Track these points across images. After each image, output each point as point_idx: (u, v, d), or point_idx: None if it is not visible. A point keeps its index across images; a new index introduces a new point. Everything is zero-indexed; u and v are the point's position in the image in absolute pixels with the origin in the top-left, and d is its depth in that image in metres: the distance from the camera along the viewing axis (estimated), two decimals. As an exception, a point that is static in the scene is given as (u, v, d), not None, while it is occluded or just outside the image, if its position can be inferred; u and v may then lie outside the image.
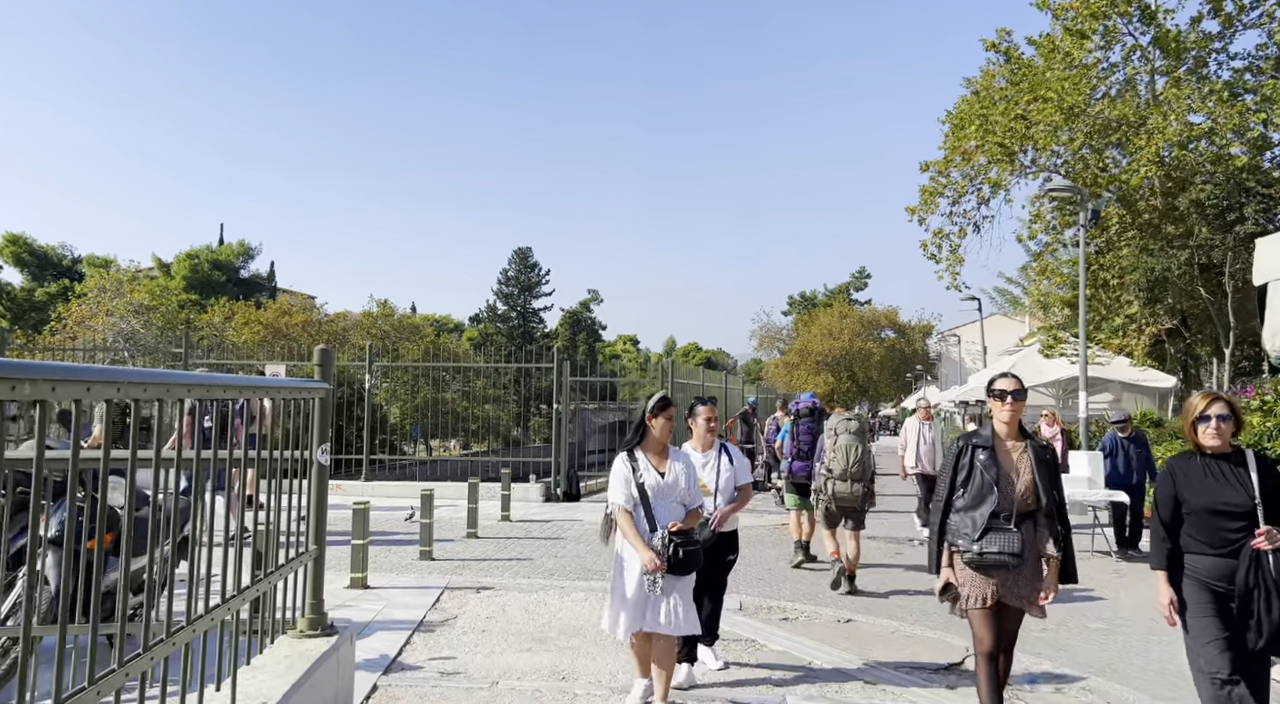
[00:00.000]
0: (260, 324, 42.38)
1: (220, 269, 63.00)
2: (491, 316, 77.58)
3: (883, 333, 74.64)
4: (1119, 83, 19.34)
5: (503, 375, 50.39)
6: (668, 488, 4.19)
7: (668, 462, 4.26)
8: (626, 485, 4.19)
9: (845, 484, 7.12)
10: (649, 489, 4.16)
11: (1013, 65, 20.94)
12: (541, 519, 11.13)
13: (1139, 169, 16.67)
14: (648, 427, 4.29)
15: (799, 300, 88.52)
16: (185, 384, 2.59)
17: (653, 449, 4.28)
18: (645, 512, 4.14)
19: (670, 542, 4.03)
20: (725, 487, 5.02)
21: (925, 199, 22.15)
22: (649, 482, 4.17)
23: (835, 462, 7.17)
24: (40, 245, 58.30)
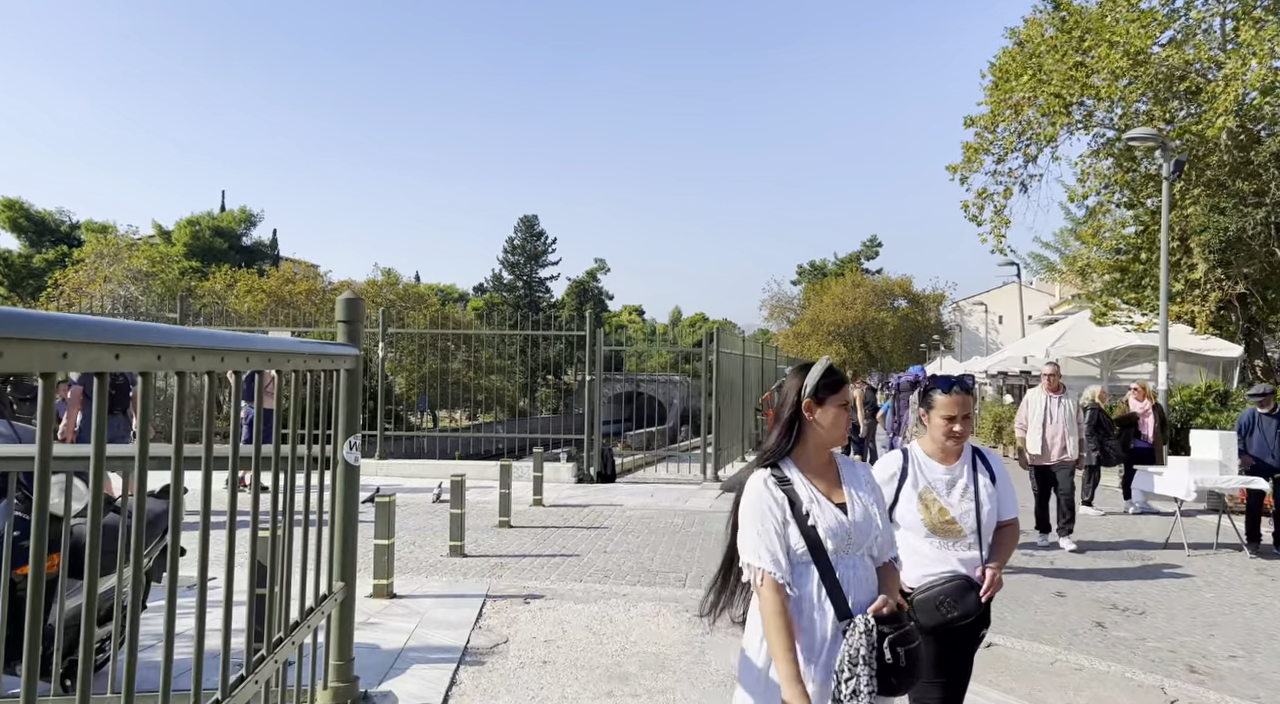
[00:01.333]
0: (263, 292, 41.25)
1: (222, 236, 61.73)
2: (497, 286, 76.35)
3: (896, 302, 73.33)
4: (1184, 28, 17.87)
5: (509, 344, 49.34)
6: (857, 531, 2.27)
7: (842, 485, 2.35)
8: (778, 537, 2.22)
9: None
10: (826, 538, 2.23)
11: (1062, 12, 19.48)
12: (577, 504, 10.01)
13: (1215, 119, 15.31)
14: (806, 421, 2.33)
15: (809, 269, 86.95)
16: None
17: (816, 462, 2.35)
18: (825, 582, 2.22)
19: (879, 639, 2.17)
20: (988, 523, 2.99)
21: (969, 156, 20.77)
22: (825, 524, 2.24)
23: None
24: (38, 210, 56.96)
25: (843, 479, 2.37)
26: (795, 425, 2.34)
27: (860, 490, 2.35)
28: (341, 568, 2.65)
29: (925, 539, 2.93)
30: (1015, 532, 3.08)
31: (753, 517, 2.26)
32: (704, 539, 8.03)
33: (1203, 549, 8.01)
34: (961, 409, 2.95)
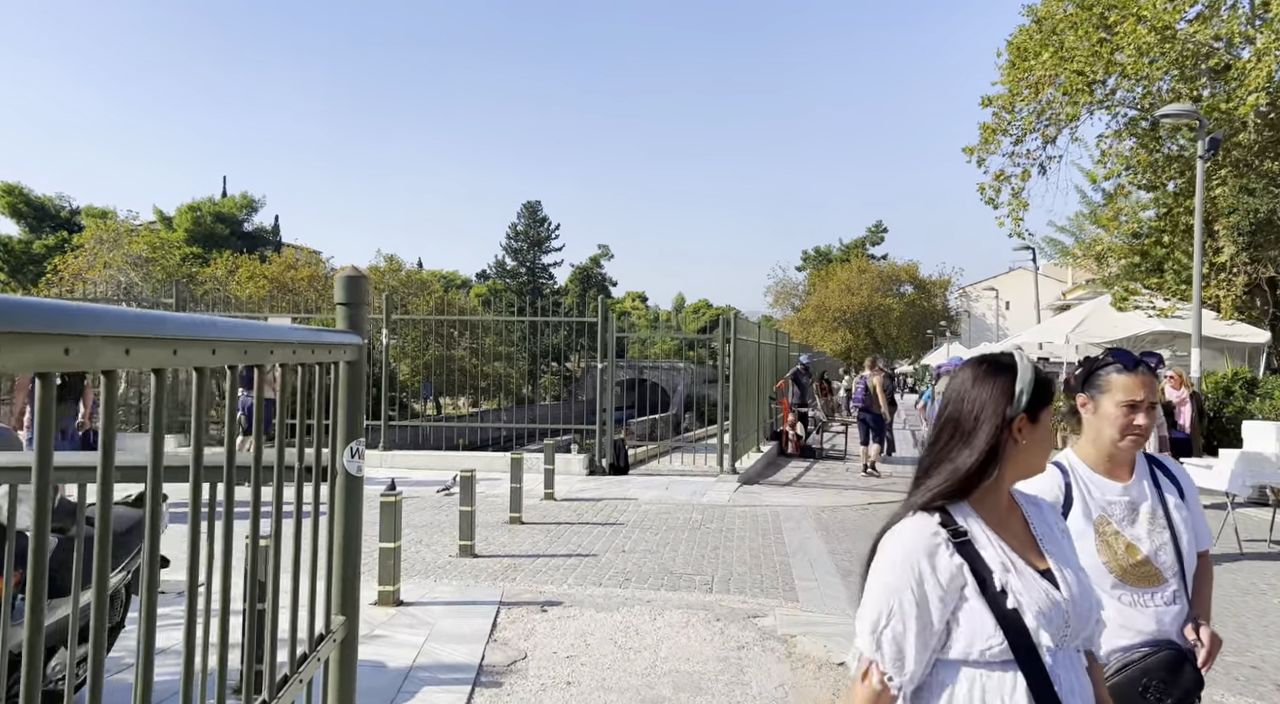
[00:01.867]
0: (264, 278, 40.83)
1: (223, 222, 61.27)
2: (500, 272, 75.93)
3: (902, 288, 72.78)
4: (1211, 2, 17.27)
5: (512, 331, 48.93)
6: (1076, 615, 1.51)
7: (1037, 540, 1.60)
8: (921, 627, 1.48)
9: None
10: (1039, 628, 1.46)
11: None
12: (590, 497, 9.59)
13: (1245, 96, 14.78)
14: (1009, 445, 1.54)
15: (813, 255, 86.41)
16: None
17: (999, 505, 1.58)
18: (1038, 697, 1.44)
19: None
20: (1190, 560, 2.18)
21: (986, 137, 20.25)
22: (1034, 606, 1.47)
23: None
24: (37, 196, 56.49)
25: (1033, 529, 1.60)
26: (995, 453, 1.52)
27: (1060, 544, 1.61)
28: (342, 600, 2.23)
29: (1111, 592, 2.09)
30: (1210, 568, 2.27)
31: (892, 586, 1.50)
32: (725, 537, 7.61)
33: (1256, 546, 7.59)
34: (1148, 394, 2.11)
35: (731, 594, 5.64)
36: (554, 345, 60.57)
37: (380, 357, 11.65)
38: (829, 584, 6.11)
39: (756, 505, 9.42)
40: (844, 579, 6.29)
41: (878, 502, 10.05)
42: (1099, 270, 29.30)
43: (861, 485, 11.51)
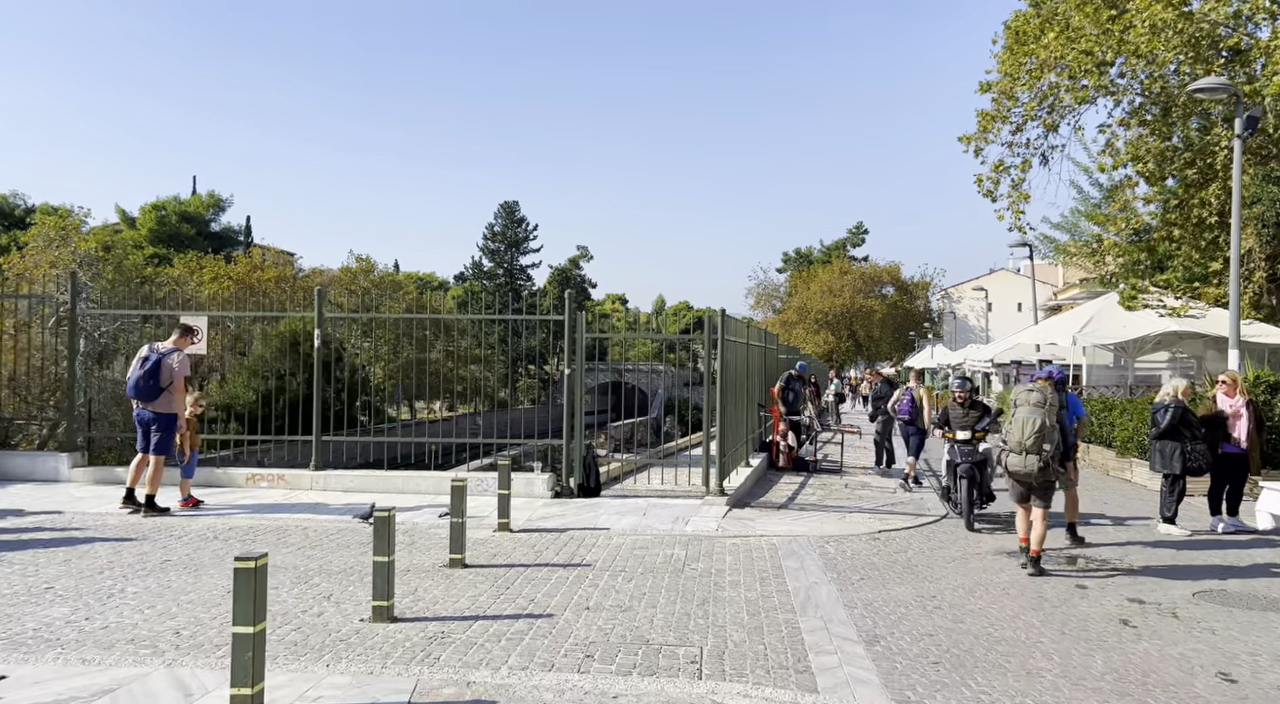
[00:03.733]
0: (230, 279, 38.96)
1: (189, 222, 59.34)
2: (477, 274, 74.31)
3: (884, 289, 71.98)
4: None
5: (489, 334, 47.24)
6: None
7: None
8: None
9: (1019, 457, 6.92)
10: None
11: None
12: (554, 527, 8.14)
13: (1272, 77, 13.57)
14: None
15: (794, 257, 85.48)
16: None
17: None
18: None
19: None
20: None
21: (984, 125, 18.95)
22: None
23: (1011, 433, 7.02)
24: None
25: None
26: None
27: None
28: None
29: None
30: None
31: None
32: (716, 583, 6.19)
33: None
34: None
35: (729, 681, 4.22)
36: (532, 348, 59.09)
37: (316, 356, 10.12)
38: (853, 657, 4.70)
39: (749, 536, 8.00)
40: (869, 648, 4.89)
41: (888, 528, 8.66)
42: (1095, 269, 28.24)
43: (867, 507, 10.12)
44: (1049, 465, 6.82)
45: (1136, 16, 15.21)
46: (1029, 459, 6.82)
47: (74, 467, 9.92)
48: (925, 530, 8.79)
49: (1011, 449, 6.93)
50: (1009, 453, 6.96)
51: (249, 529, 7.84)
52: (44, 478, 9.83)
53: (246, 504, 8.97)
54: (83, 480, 9.87)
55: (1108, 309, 17.93)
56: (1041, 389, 7.12)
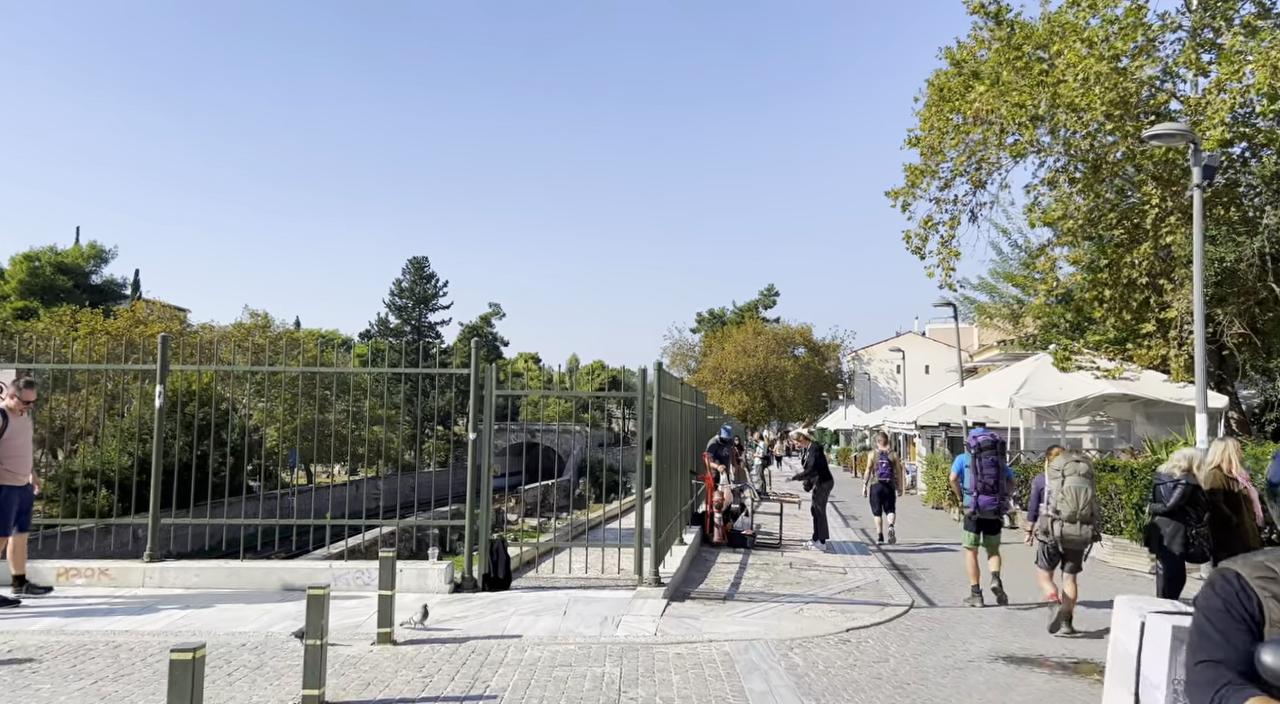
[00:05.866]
0: (108, 334, 36.00)
1: (66, 273, 55.26)
2: (384, 331, 71.65)
3: (796, 350, 72.57)
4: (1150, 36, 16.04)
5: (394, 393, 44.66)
6: None
7: None
8: None
9: (1075, 526, 7.18)
10: None
11: (1004, 30, 17.53)
12: (451, 636, 6.44)
13: (1209, 130, 13.30)
14: None
15: (708, 317, 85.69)
16: None
17: None
18: None
19: None
20: None
21: (912, 180, 18.46)
22: None
23: (1064, 503, 7.21)
24: None
25: None
26: None
27: None
28: None
29: None
30: None
31: None
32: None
33: None
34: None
35: None
36: (440, 407, 56.49)
37: (156, 419, 8.21)
38: None
39: (696, 641, 6.48)
40: None
41: (857, 625, 7.26)
42: (1015, 330, 28.23)
43: (823, 595, 8.73)
44: (1095, 534, 7.28)
45: (1069, 70, 14.95)
46: (1084, 528, 7.17)
47: None
48: (898, 626, 7.44)
49: (1066, 519, 7.17)
50: (1063, 522, 7.17)
51: (37, 650, 5.88)
52: None
53: (48, 608, 6.96)
54: None
55: (1041, 370, 17.35)
56: (1087, 459, 7.54)
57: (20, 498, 7.23)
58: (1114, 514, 11.70)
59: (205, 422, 24.37)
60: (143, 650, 5.93)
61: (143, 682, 5.26)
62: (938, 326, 73.66)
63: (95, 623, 6.57)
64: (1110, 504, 11.71)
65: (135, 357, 22.63)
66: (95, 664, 5.60)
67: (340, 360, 49.78)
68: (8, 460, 7.11)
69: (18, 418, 7.23)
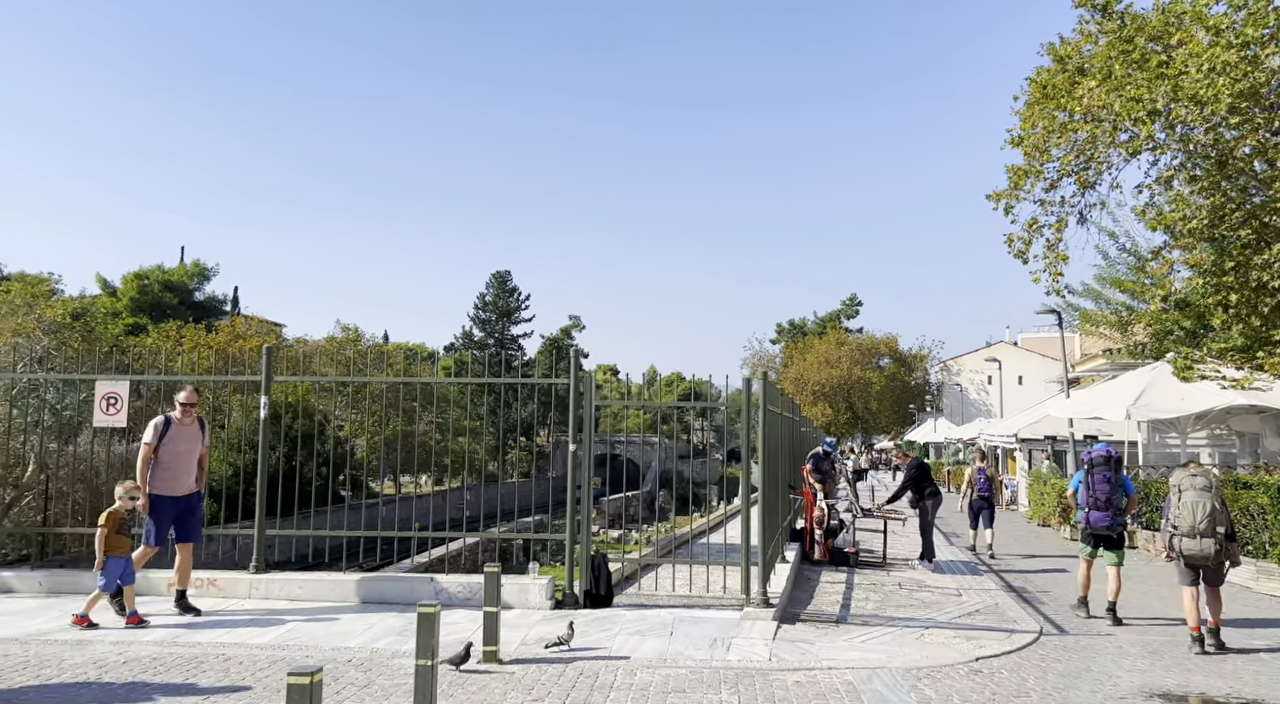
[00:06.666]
0: (210, 348, 37.51)
1: (172, 291, 57.99)
2: (467, 343, 72.91)
3: (881, 361, 70.95)
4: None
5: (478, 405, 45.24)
6: None
7: None
8: None
9: (1194, 541, 7.03)
10: None
11: (1114, 22, 16.57)
12: (557, 657, 6.21)
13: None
14: None
15: (788, 328, 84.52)
16: None
17: None
18: None
19: None
20: None
21: (1015, 181, 17.61)
22: None
23: (1182, 518, 7.10)
24: (-39, 263, 52.78)
25: None
26: None
27: None
28: None
29: None
30: None
31: None
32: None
33: None
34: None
35: None
36: (523, 419, 57.02)
37: (263, 434, 8.25)
38: None
39: (814, 668, 6.09)
40: None
41: (986, 654, 6.75)
42: (1123, 339, 26.74)
43: (941, 618, 8.20)
44: (1224, 547, 6.96)
45: (1191, 61, 14.01)
46: (1204, 543, 6.96)
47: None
48: (1031, 656, 6.89)
49: (1185, 534, 7.03)
50: (1182, 537, 7.05)
51: (151, 662, 5.88)
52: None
53: (159, 621, 7.00)
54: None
55: (1159, 380, 16.28)
56: (1206, 473, 7.28)
57: (177, 508, 7.20)
58: (1257, 536, 10.77)
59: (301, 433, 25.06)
60: (252, 664, 5.87)
61: (253, 700, 5.17)
62: (1031, 336, 70.94)
63: (205, 635, 6.57)
64: (1253, 524, 10.78)
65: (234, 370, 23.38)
66: (207, 677, 5.56)
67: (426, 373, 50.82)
68: (161, 469, 7.18)
69: (182, 427, 7.29)
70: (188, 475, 7.27)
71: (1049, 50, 18.48)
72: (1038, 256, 17.69)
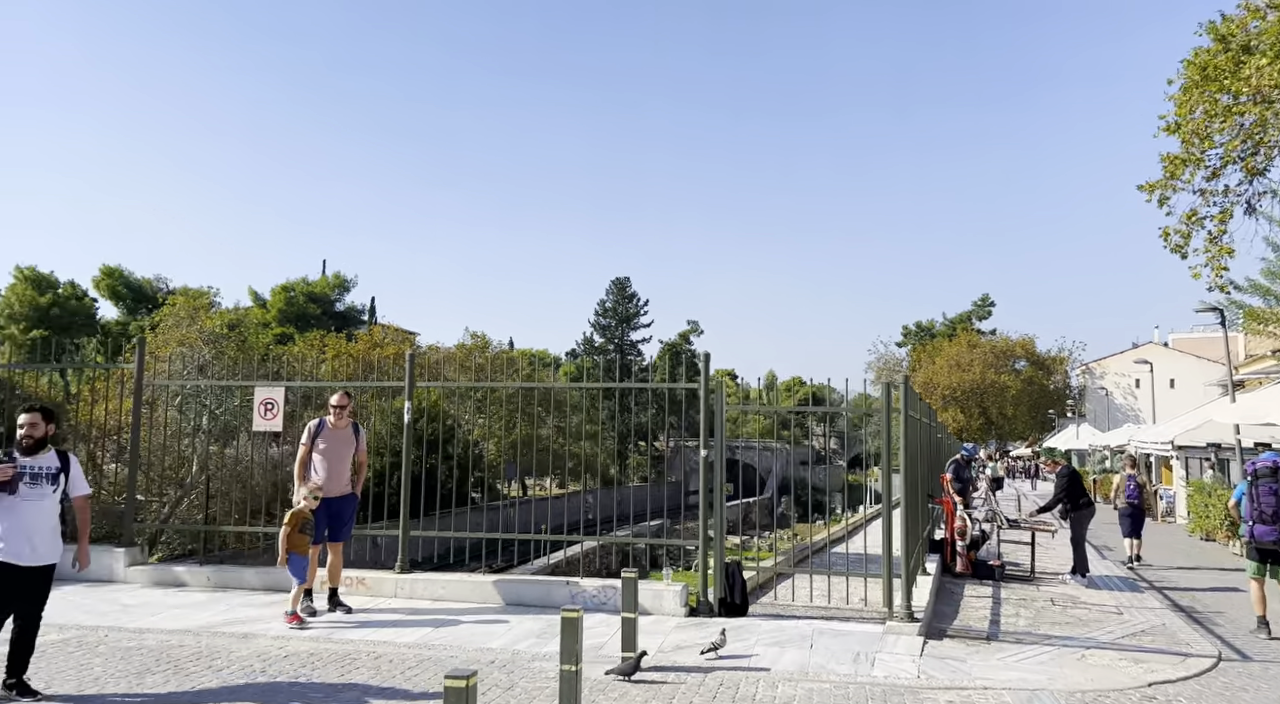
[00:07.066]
0: (349, 356, 39.49)
1: (315, 302, 61.41)
2: (588, 349, 73.99)
3: (1017, 364, 67.56)
4: None
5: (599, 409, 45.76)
6: None
7: None
8: None
9: None
10: None
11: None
12: (691, 665, 6.13)
13: None
14: None
15: (915, 331, 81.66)
16: None
17: None
18: None
19: None
20: None
21: (1171, 170, 16.36)
22: None
23: None
24: (136, 278, 57.56)
25: None
26: None
27: None
28: None
29: None
30: None
31: None
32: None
33: None
34: None
35: None
36: (642, 424, 57.43)
37: (407, 433, 8.56)
38: None
39: (968, 688, 5.77)
40: None
41: (1159, 679, 6.23)
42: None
43: (1103, 638, 7.65)
44: None
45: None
46: None
47: (131, 565, 8.57)
48: (1211, 683, 6.31)
49: None
50: None
51: (308, 658, 6.15)
52: (98, 577, 8.49)
53: (313, 617, 7.33)
54: (140, 582, 8.51)
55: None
56: None
57: (330, 509, 7.42)
58: None
59: (435, 437, 26.01)
60: (400, 662, 6.05)
61: (406, 698, 5.31)
62: (1184, 336, 66.00)
63: (356, 633, 6.83)
64: None
65: (372, 376, 24.47)
66: (360, 674, 5.76)
67: (549, 378, 51.93)
68: (315, 471, 7.47)
69: (336, 430, 7.59)
70: (342, 477, 7.54)
71: (1209, 29, 17.13)
72: (1198, 250, 16.39)
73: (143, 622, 7.06)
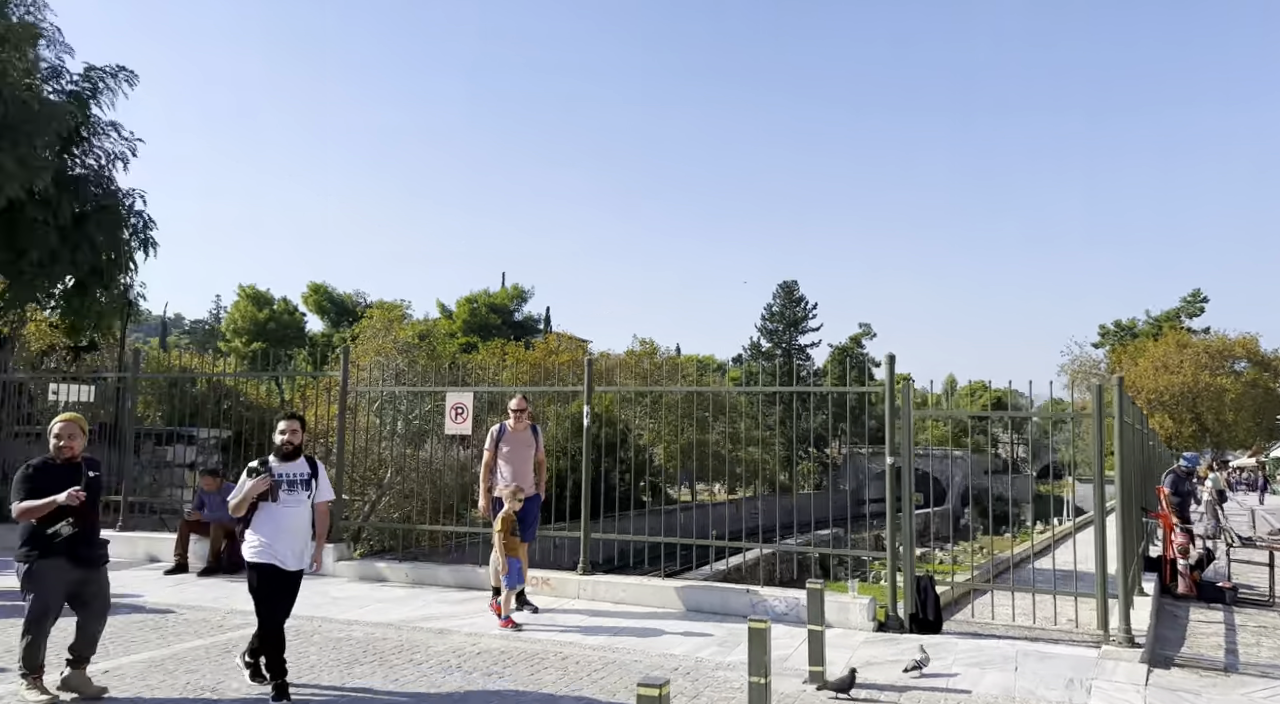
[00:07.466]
0: (527, 363, 41.16)
1: (495, 312, 64.49)
2: (755, 354, 73.31)
3: (1236, 365, 60.91)
4: None
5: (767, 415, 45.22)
6: None
7: None
8: None
9: None
10: None
11: None
12: (886, 683, 5.81)
13: None
14: None
15: (1114, 330, 75.23)
16: None
17: None
18: None
19: None
20: None
21: None
22: None
23: None
24: (339, 294, 62.55)
25: None
26: None
27: None
28: None
29: None
30: None
31: None
32: None
33: None
34: None
35: None
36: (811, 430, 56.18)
37: (585, 439, 8.70)
38: None
39: (1207, 727, 5.13)
40: None
41: None
42: None
43: None
44: None
45: None
46: None
47: (339, 560, 9.21)
48: None
49: None
50: None
51: (499, 655, 6.34)
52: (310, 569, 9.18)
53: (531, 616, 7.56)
54: (346, 576, 9.12)
55: None
56: None
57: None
58: None
59: (609, 440, 26.57)
60: (587, 664, 6.12)
61: (593, 699, 5.35)
62: None
63: (544, 634, 6.98)
64: None
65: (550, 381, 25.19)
66: (549, 674, 5.86)
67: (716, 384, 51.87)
68: (499, 474, 7.73)
69: (516, 433, 7.84)
70: (527, 478, 7.76)
71: None
72: None
73: (350, 614, 7.54)
